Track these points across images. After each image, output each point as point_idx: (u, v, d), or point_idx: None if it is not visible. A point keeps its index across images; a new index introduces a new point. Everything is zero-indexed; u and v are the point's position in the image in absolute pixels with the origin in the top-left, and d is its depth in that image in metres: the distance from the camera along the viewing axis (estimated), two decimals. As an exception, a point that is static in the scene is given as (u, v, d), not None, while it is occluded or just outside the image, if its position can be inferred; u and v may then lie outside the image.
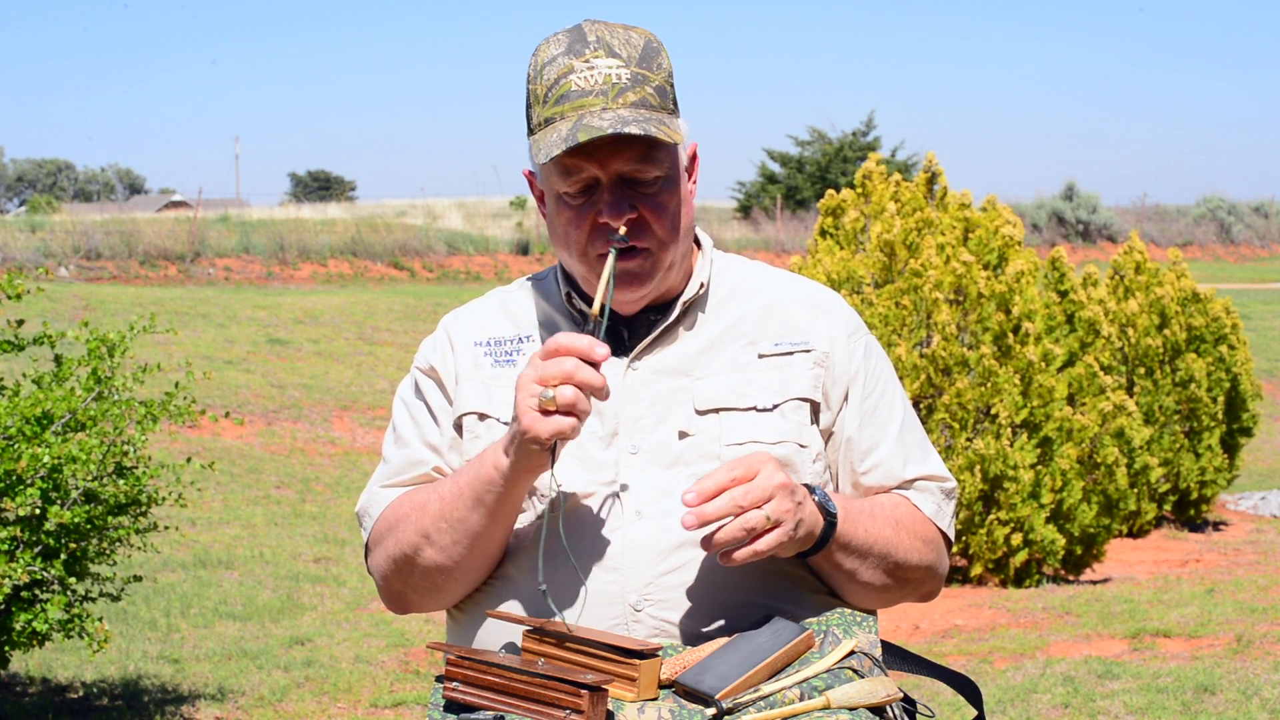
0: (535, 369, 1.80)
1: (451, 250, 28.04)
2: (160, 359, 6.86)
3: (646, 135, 1.86)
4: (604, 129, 1.85)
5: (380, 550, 2.02)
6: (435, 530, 1.92)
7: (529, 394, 1.79)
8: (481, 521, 1.89)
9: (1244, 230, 40.31)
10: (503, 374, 2.03)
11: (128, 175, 68.32)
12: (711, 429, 1.96)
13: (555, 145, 1.87)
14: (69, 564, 4.77)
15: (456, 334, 2.09)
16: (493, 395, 2.01)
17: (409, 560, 1.96)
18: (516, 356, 2.04)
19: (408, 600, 2.03)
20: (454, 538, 1.91)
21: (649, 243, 1.94)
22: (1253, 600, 7.22)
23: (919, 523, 2.01)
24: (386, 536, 2.00)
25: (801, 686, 1.75)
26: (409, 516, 1.96)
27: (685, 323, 2.03)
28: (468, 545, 1.91)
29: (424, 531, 1.93)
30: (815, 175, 36.23)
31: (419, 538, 1.94)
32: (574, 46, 1.91)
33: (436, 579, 1.95)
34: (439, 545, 1.92)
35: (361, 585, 8.24)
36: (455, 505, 1.90)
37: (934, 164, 8.81)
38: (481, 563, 1.94)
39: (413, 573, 1.97)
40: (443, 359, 2.07)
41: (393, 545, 1.98)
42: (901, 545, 1.97)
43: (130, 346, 5.00)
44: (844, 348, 2.04)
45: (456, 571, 1.94)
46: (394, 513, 2.00)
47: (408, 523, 1.96)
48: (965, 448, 7.98)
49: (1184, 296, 10.95)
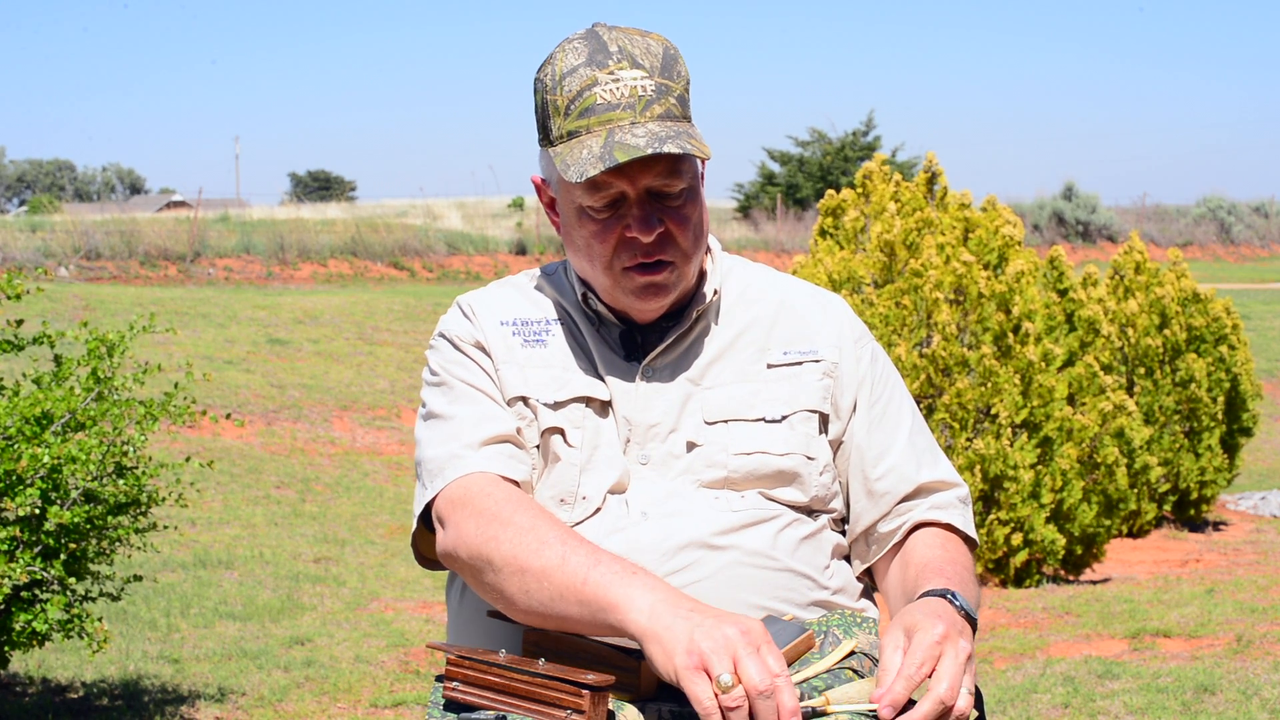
0: (747, 651, 1.62)
1: (451, 250, 28.05)
2: (160, 359, 6.86)
3: (681, 152, 1.84)
4: (640, 147, 1.83)
5: (472, 523, 1.85)
6: (535, 579, 1.78)
7: (721, 655, 1.62)
8: (575, 618, 1.77)
9: (1244, 230, 40.32)
10: (534, 355, 2.00)
11: (128, 175, 68.33)
12: (720, 439, 1.96)
13: (589, 164, 1.84)
14: (69, 564, 4.77)
15: (480, 311, 2.04)
16: (529, 378, 1.98)
17: (491, 567, 1.82)
18: (546, 337, 2.01)
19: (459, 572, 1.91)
20: (543, 602, 1.78)
21: (674, 256, 1.93)
22: (1253, 600, 7.22)
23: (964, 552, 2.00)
24: (488, 521, 1.84)
25: (801, 686, 1.75)
26: (523, 533, 1.80)
27: (697, 330, 2.03)
28: (548, 616, 1.80)
29: (524, 567, 1.78)
30: (815, 175, 36.24)
31: (516, 565, 1.79)
32: (595, 57, 1.89)
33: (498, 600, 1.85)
34: (526, 590, 1.79)
35: (361, 585, 8.24)
36: (569, 584, 1.75)
37: (934, 164, 8.82)
38: (544, 625, 1.83)
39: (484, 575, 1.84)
40: (478, 333, 2.01)
41: (488, 539, 1.83)
42: (973, 580, 1.95)
43: (130, 346, 5.00)
44: (851, 355, 2.04)
45: (521, 615, 1.84)
46: (509, 506, 1.84)
47: (518, 537, 1.81)
48: (965, 448, 7.99)
49: (1184, 296, 10.95)
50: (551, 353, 2.00)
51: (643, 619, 1.68)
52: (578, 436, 1.95)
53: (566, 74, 1.90)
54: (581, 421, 1.96)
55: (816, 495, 1.98)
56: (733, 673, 1.60)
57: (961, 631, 1.74)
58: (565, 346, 2.01)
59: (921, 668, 1.68)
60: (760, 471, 1.95)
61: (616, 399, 1.97)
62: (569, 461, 1.94)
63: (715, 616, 1.65)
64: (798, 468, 1.96)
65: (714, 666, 1.61)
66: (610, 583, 1.72)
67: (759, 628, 1.65)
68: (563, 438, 1.95)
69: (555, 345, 2.01)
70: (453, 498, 1.89)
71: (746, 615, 1.73)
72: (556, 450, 1.95)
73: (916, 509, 2.03)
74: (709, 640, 1.62)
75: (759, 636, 1.64)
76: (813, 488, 1.97)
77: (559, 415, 1.96)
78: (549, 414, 1.96)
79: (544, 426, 1.96)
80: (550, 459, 1.96)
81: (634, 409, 1.96)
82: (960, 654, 1.70)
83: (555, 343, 2.01)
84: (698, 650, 1.62)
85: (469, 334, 2.02)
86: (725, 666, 1.60)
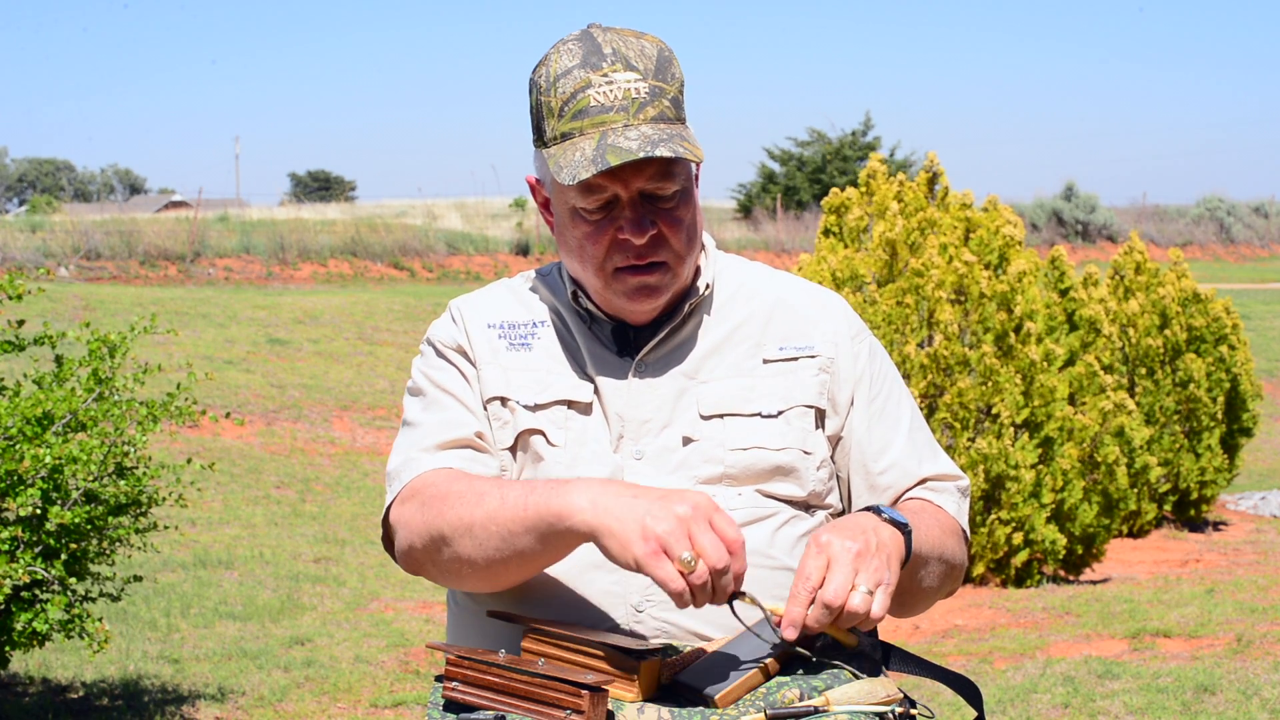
0: (700, 526, 1.66)
1: (451, 250, 28.05)
2: (161, 359, 6.86)
3: (673, 155, 1.85)
4: (633, 150, 1.83)
5: (417, 513, 1.90)
6: (482, 528, 1.83)
7: (677, 535, 1.65)
8: (530, 548, 1.81)
9: (1244, 230, 40.32)
10: (518, 358, 2.01)
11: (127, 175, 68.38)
12: (715, 434, 1.95)
13: (581, 167, 1.85)
14: (69, 564, 4.77)
15: (468, 315, 2.06)
16: (510, 379, 1.99)
17: (444, 540, 1.87)
18: (531, 340, 2.02)
19: (425, 570, 1.96)
20: (497, 545, 1.83)
21: (667, 257, 1.93)
22: (1253, 600, 7.22)
23: (950, 521, 2.02)
24: (429, 504, 1.88)
25: (801, 687, 1.75)
26: (462, 497, 1.85)
27: (690, 324, 2.02)
28: (508, 558, 1.84)
29: (470, 522, 1.83)
30: (813, 175, 36.26)
31: (463, 525, 1.84)
32: (589, 59, 1.89)
33: (463, 570, 1.89)
34: (479, 543, 1.84)
35: (361, 585, 8.24)
36: (513, 518, 1.80)
37: (935, 164, 8.83)
38: (514, 576, 1.88)
39: (441, 553, 1.89)
40: (461, 336, 2.04)
41: (434, 517, 1.87)
42: (948, 546, 1.97)
43: (131, 347, 5.00)
44: (848, 350, 2.04)
45: (486, 573, 1.88)
46: (445, 484, 1.89)
47: (458, 502, 1.85)
48: (967, 447, 7.99)
49: (1184, 297, 10.95)
50: (536, 356, 2.01)
51: (588, 516, 1.70)
52: (561, 436, 1.96)
53: (561, 76, 1.90)
54: (565, 423, 1.96)
55: (814, 490, 1.98)
56: (692, 550, 1.64)
57: (865, 532, 1.75)
58: (551, 349, 2.02)
59: (808, 580, 1.70)
60: (757, 466, 1.95)
61: (608, 396, 1.97)
62: (553, 460, 1.95)
63: (661, 497, 1.68)
64: (794, 462, 1.96)
65: (674, 548, 1.64)
66: (548, 498, 1.75)
67: (707, 500, 1.68)
68: (544, 438, 1.96)
69: (541, 348, 2.02)
70: (401, 497, 1.93)
71: (692, 490, 1.76)
72: (539, 450, 1.96)
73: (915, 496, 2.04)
74: (662, 523, 1.65)
75: (708, 508, 1.67)
76: (810, 483, 1.97)
77: (538, 417, 1.97)
78: (527, 415, 1.96)
79: (521, 428, 1.96)
80: (532, 459, 1.96)
81: (626, 405, 1.96)
82: (846, 553, 1.71)
83: (541, 346, 2.02)
84: (653, 535, 1.65)
85: (452, 338, 2.04)
86: (684, 545, 1.64)
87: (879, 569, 1.73)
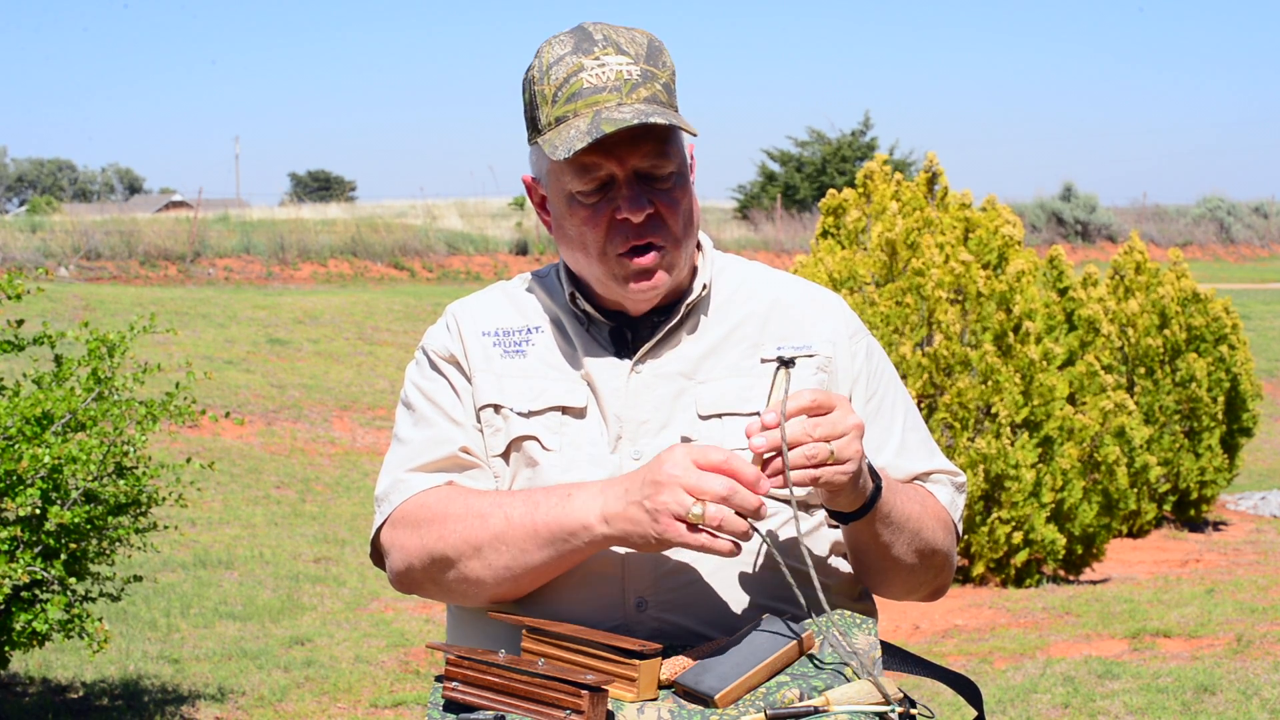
0: (687, 475, 1.71)
1: (451, 250, 28.06)
2: (160, 359, 6.86)
3: (669, 125, 1.86)
4: (627, 120, 1.83)
5: (412, 536, 1.92)
6: (491, 549, 1.85)
7: (675, 499, 1.70)
8: (544, 562, 1.84)
9: (1244, 230, 40.32)
10: (512, 365, 2.01)
11: (128, 175, 68.37)
12: (714, 434, 1.95)
13: (576, 140, 1.85)
14: (69, 564, 4.77)
15: (464, 322, 2.06)
16: (504, 387, 1.99)
17: (448, 562, 1.89)
18: (525, 347, 2.02)
19: (423, 589, 1.97)
20: (507, 564, 1.85)
21: (664, 239, 1.93)
22: (1253, 600, 7.22)
23: (938, 508, 2.02)
24: (425, 527, 1.90)
25: (801, 687, 1.75)
26: (462, 519, 1.87)
27: (688, 325, 2.02)
28: (519, 574, 1.86)
29: (476, 544, 1.86)
30: (813, 175, 36.26)
31: (468, 547, 1.86)
32: (581, 45, 1.90)
33: (469, 589, 1.90)
34: (488, 563, 1.86)
35: (361, 585, 8.24)
36: (523, 536, 1.83)
37: (934, 164, 8.83)
38: (525, 590, 1.89)
39: (445, 574, 1.90)
40: (455, 345, 2.04)
41: (433, 540, 1.89)
42: (927, 525, 1.97)
43: (130, 347, 5.00)
44: (846, 349, 2.04)
45: (495, 590, 1.89)
46: (440, 506, 1.90)
47: (459, 525, 1.87)
48: (967, 447, 7.99)
49: (1184, 296, 10.95)
50: (530, 363, 2.01)
51: (606, 528, 1.78)
52: (555, 440, 1.95)
53: (553, 64, 1.91)
54: (559, 428, 1.96)
55: (812, 489, 1.98)
56: (695, 499, 1.70)
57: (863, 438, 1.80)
58: (546, 355, 2.01)
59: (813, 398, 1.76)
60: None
61: (606, 397, 1.97)
62: (548, 464, 1.95)
63: (642, 479, 1.75)
64: None
65: (680, 510, 1.70)
66: (557, 514, 1.82)
67: (679, 449, 1.74)
68: (539, 443, 1.96)
69: (535, 355, 2.01)
70: (392, 520, 1.96)
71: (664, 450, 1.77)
72: (533, 455, 1.96)
73: None
74: (657, 499, 1.72)
75: (683, 459, 1.72)
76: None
77: (532, 423, 1.96)
78: (520, 422, 1.96)
79: (514, 434, 1.96)
80: (527, 464, 1.96)
81: (625, 406, 1.96)
82: (848, 416, 1.77)
83: (536, 352, 2.01)
84: (657, 512, 1.72)
85: (445, 347, 2.04)
86: (686, 502, 1.70)
87: (856, 454, 1.78)
